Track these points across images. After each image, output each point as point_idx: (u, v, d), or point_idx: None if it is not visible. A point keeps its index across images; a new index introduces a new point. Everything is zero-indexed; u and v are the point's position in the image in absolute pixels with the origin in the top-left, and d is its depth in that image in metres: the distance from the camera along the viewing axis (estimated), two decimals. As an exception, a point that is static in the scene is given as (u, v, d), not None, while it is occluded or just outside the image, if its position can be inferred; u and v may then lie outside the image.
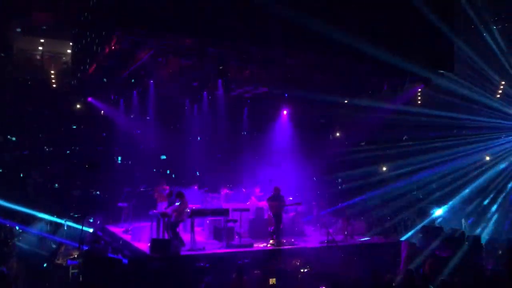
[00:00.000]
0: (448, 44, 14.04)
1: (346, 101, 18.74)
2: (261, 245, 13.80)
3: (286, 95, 17.72)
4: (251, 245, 13.57)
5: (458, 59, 15.71)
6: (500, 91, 18.82)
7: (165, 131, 18.60)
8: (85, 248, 12.61)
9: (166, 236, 13.07)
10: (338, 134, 22.35)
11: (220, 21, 11.33)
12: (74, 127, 19.19)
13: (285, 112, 19.70)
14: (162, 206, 14.44)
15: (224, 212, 13.79)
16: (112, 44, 12.19)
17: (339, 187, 20.25)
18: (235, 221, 13.96)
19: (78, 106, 19.44)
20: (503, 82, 18.16)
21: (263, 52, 12.88)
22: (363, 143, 20.37)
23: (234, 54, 13.04)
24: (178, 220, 13.06)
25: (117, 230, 15.54)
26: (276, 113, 20.07)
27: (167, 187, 15.33)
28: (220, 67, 13.75)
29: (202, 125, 19.60)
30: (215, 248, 13.26)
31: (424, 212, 17.69)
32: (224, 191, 16.89)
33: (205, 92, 17.89)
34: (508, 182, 18.18)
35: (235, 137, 20.53)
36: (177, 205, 12.99)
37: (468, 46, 16.17)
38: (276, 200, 14.25)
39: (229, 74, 14.14)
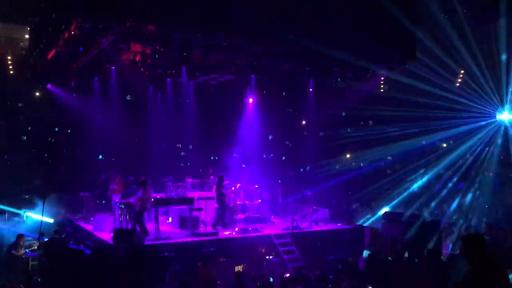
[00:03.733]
0: (410, 33, 14.26)
1: (311, 89, 18.85)
2: (227, 233, 13.82)
3: (253, 83, 17.65)
4: (216, 234, 13.56)
5: (420, 48, 16.00)
6: (459, 80, 19.31)
7: (127, 118, 18.21)
8: (45, 239, 12.32)
9: (130, 226, 12.89)
10: (304, 123, 22.49)
11: (184, 7, 11.11)
12: (32, 115, 18.52)
13: (251, 100, 19.65)
14: (117, 198, 14.23)
15: (188, 201, 13.70)
16: (72, 29, 11.82)
17: (304, 174, 20.42)
18: (200, 209, 13.90)
19: (36, 93, 18.78)
20: (462, 71, 18.63)
21: (228, 40, 12.74)
22: (327, 132, 20.54)
23: (198, 41, 12.85)
24: (142, 209, 12.87)
25: (79, 220, 15.23)
26: (242, 101, 20.00)
27: (130, 178, 15.08)
28: (184, 54, 13.55)
29: (166, 113, 19.30)
30: (180, 237, 13.17)
31: (386, 199, 18.07)
32: (189, 179, 16.77)
33: (168, 79, 17.62)
34: (464, 168, 18.72)
35: (200, 125, 20.35)
36: (141, 194, 12.79)
37: (430, 35, 16.47)
38: (223, 188, 14.26)
39: (193, 61, 13.95)
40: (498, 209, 17.01)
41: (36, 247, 12.61)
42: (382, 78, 18.67)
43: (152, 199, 13.30)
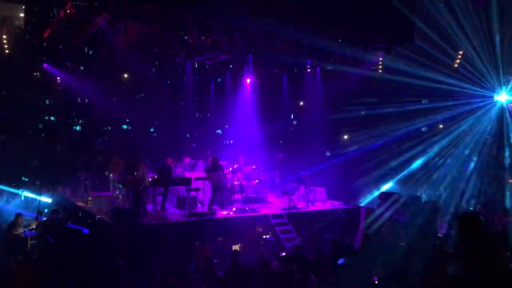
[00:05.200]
0: (408, 15, 14.16)
1: (309, 70, 18.77)
2: (224, 213, 13.91)
3: (250, 63, 17.57)
4: (214, 213, 13.64)
5: (417, 31, 15.89)
6: (457, 61, 19.19)
7: (125, 99, 18.15)
8: (44, 218, 12.40)
9: (128, 206, 12.95)
10: (302, 103, 22.43)
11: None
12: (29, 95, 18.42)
13: (248, 80, 19.56)
14: (115, 178, 14.25)
15: (186, 181, 13.74)
16: (67, 8, 11.69)
17: (303, 155, 20.45)
18: (197, 189, 13.96)
19: (32, 72, 18.64)
20: (460, 52, 18.51)
21: (224, 20, 12.65)
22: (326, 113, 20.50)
23: (195, 21, 12.75)
24: (140, 189, 12.91)
25: (77, 200, 15.29)
26: (239, 81, 19.91)
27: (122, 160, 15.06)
28: (181, 33, 13.46)
29: (164, 93, 19.23)
30: (178, 217, 13.25)
31: (384, 178, 18.13)
32: (187, 159, 16.79)
33: (166, 59, 17.51)
34: (459, 149, 18.74)
35: (198, 106, 20.30)
36: (137, 173, 12.81)
37: (426, 18, 16.33)
38: (214, 170, 14.29)
39: (190, 41, 13.87)
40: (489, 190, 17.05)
41: (34, 226, 12.69)
42: (380, 60, 18.57)
43: (150, 179, 13.34)
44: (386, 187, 17.31)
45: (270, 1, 11.39)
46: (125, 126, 20.05)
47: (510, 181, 16.90)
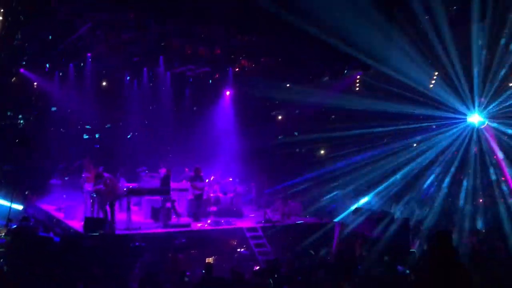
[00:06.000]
0: (387, 34, 14.49)
1: (288, 85, 18.97)
2: (199, 225, 13.84)
3: (230, 76, 17.66)
4: (188, 225, 13.55)
5: (396, 49, 16.26)
6: (433, 81, 19.66)
7: (103, 106, 17.97)
8: (14, 226, 12.11)
9: (101, 215, 12.78)
10: (280, 117, 22.60)
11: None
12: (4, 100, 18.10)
13: (228, 93, 19.63)
14: (89, 187, 14.07)
15: (162, 192, 13.64)
16: (47, 14, 11.61)
17: (280, 168, 20.54)
18: (173, 200, 13.88)
19: (9, 77, 18.32)
20: (436, 73, 18.97)
21: (206, 31, 12.73)
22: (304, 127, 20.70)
23: (176, 31, 12.80)
24: (112, 198, 12.76)
25: (49, 207, 15.00)
26: (219, 94, 19.96)
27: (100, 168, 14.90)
28: (162, 44, 13.48)
29: (142, 102, 19.13)
30: (152, 228, 13.14)
31: (358, 195, 18.34)
32: (163, 170, 16.67)
33: (145, 68, 17.47)
34: (433, 170, 19.10)
35: (176, 116, 20.23)
36: (108, 182, 12.67)
37: (406, 36, 16.73)
38: (200, 180, 14.28)
39: (170, 51, 13.88)
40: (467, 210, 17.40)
41: (3, 234, 12.38)
42: (358, 77, 18.92)
43: (125, 189, 13.21)
44: (360, 203, 17.50)
45: (250, 18, 11.50)
46: (101, 133, 19.82)
47: (481, 200, 17.30)
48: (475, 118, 18.27)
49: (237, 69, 16.57)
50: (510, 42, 15.80)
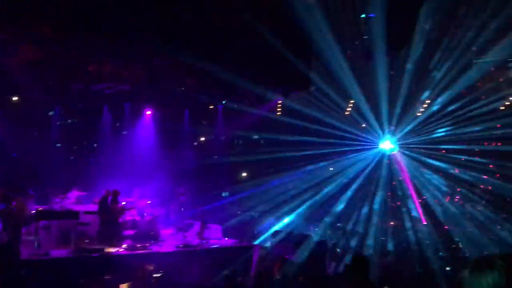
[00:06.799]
0: (306, 66, 15.10)
1: (211, 106, 19.01)
2: (113, 250, 13.22)
3: (150, 95, 17.34)
4: (101, 250, 12.90)
5: (317, 78, 16.99)
6: (349, 109, 20.67)
7: (10, 124, 16.79)
8: None
9: (6, 239, 11.77)
10: (202, 139, 22.48)
11: (80, 12, 10.67)
12: None
13: (148, 112, 19.20)
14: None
15: (73, 215, 12.90)
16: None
17: (199, 191, 20.33)
18: (86, 224, 13.17)
19: None
20: (352, 101, 19.97)
21: (125, 49, 12.46)
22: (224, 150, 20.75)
23: (94, 48, 12.39)
24: (18, 222, 11.82)
25: None
26: (139, 113, 19.46)
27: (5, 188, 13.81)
28: (79, 59, 12.97)
29: (54, 120, 18.14)
30: (62, 253, 12.32)
31: (278, 217, 18.59)
32: (75, 192, 15.83)
33: (60, 84, 16.63)
34: (346, 193, 19.89)
35: (93, 135, 19.39)
36: (13, 205, 11.76)
37: (325, 67, 17.50)
38: (116, 203, 13.80)
39: (88, 68, 13.39)
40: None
41: None
42: (279, 103, 19.42)
43: (33, 212, 12.33)
44: (279, 225, 17.73)
45: (175, 36, 11.44)
46: (8, 153, 18.45)
47: (391, 223, 18.23)
48: (386, 145, 19.38)
49: (158, 89, 16.29)
50: (417, 73, 17.08)
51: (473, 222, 16.74)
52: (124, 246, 13.51)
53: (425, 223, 17.26)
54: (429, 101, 18.85)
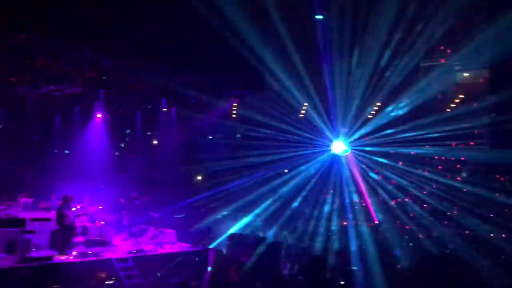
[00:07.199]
0: (259, 67, 15.14)
1: (165, 109, 18.75)
2: (63, 258, 12.79)
3: (101, 97, 16.91)
4: (50, 258, 12.44)
5: (270, 81, 17.09)
6: (303, 112, 20.87)
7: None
8: None
9: None
10: (155, 142, 22.11)
11: (24, 10, 10.26)
12: None
13: (99, 115, 18.68)
14: None
15: (19, 222, 12.39)
16: None
17: (153, 196, 19.97)
18: (33, 232, 12.67)
19: None
20: (305, 104, 20.16)
21: (74, 51, 12.09)
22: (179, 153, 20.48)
23: (41, 48, 11.95)
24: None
25: None
26: (90, 116, 18.90)
27: None
28: (26, 61, 12.48)
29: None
30: (8, 262, 11.78)
31: (233, 220, 18.52)
32: (22, 199, 15.22)
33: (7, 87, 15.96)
34: (301, 195, 20.10)
35: (41, 139, 18.69)
36: None
37: (279, 68, 17.61)
38: (65, 209, 13.41)
39: (36, 69, 12.91)
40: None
41: None
42: (234, 106, 19.39)
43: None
44: (235, 228, 17.68)
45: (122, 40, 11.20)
46: None
47: (344, 223, 18.52)
48: (339, 147, 19.72)
49: (109, 92, 15.91)
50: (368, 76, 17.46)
51: (416, 221, 17.21)
52: (74, 253, 13.10)
53: (377, 222, 17.66)
54: (379, 104, 19.33)
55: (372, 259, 13.21)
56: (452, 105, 18.13)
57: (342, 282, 10.06)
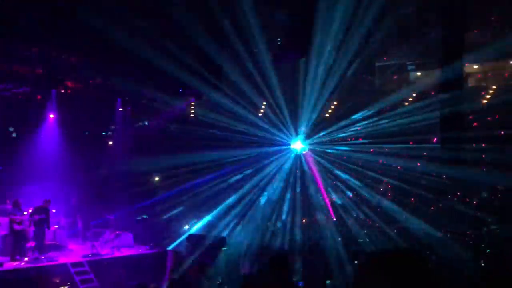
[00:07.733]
0: (218, 62, 15.04)
1: (121, 109, 18.32)
2: (14, 264, 12.30)
3: (53, 97, 16.32)
4: (0, 265, 11.94)
5: (228, 79, 17.01)
6: (262, 110, 20.91)
7: None
8: None
9: None
10: (111, 143, 21.54)
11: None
12: None
13: (52, 116, 18.01)
14: None
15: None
16: None
17: (108, 198, 19.47)
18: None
19: None
20: (264, 103, 20.22)
21: (24, 49, 11.62)
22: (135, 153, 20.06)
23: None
24: None
25: None
26: (41, 117, 18.17)
27: None
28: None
29: None
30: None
31: (192, 221, 18.34)
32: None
33: None
34: (262, 193, 20.16)
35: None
36: None
37: (236, 67, 17.56)
38: (16, 214, 12.95)
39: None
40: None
41: None
42: (192, 104, 19.19)
43: None
44: (194, 229, 17.53)
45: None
46: None
47: (304, 220, 18.71)
48: (297, 145, 19.93)
49: (62, 91, 15.37)
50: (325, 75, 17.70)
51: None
52: (26, 259, 12.63)
53: (335, 219, 17.92)
54: (336, 103, 19.64)
55: (331, 255, 13.45)
56: (406, 103, 18.68)
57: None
